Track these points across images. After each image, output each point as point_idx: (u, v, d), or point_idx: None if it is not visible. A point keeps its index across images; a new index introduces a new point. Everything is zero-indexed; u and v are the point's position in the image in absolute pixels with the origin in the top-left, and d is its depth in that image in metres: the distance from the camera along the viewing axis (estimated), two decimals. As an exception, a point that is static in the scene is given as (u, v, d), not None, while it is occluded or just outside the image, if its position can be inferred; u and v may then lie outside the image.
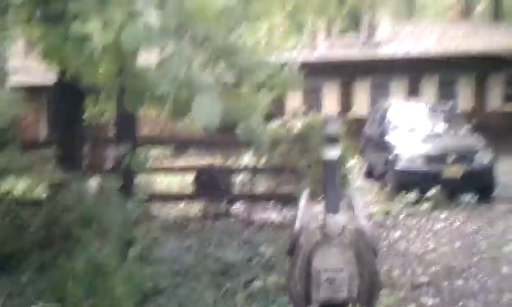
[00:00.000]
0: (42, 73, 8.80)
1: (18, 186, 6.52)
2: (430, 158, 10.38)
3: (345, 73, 18.94)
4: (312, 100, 18.13)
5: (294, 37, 10.40)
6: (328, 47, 19.32)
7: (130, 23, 2.19)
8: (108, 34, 2.11)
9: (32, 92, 18.76)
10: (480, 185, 10.15)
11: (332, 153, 2.28)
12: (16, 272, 5.43)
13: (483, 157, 10.44)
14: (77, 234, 4.28)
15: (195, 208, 9.05)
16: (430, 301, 5.33)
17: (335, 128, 2.30)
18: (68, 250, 5.39)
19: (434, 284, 5.81)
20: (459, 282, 5.88)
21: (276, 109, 16.02)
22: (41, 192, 6.89)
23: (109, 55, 2.18)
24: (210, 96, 2.41)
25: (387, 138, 11.48)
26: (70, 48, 2.04)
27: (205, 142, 13.24)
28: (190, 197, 9.59)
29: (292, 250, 2.27)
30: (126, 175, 7.11)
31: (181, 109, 2.37)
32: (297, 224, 2.30)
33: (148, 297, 4.87)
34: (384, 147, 11.37)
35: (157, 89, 2.34)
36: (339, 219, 2.23)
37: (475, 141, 11.04)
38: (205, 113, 2.30)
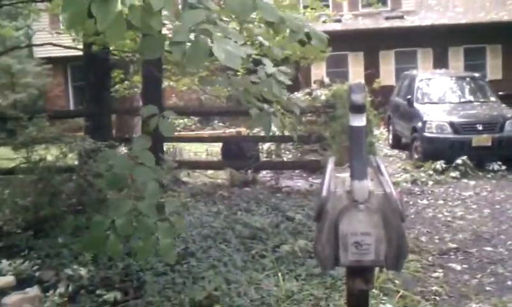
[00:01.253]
0: (67, 47, 8.87)
1: (50, 154, 6.65)
2: (459, 127, 10.29)
3: (371, 43, 18.68)
4: (337, 70, 17.98)
5: (319, 7, 10.28)
6: (353, 18, 19.05)
7: None
8: None
9: (59, 64, 19.03)
10: (509, 153, 10.02)
11: (358, 120, 2.27)
12: (51, 235, 5.60)
13: (512, 126, 10.30)
14: (109, 196, 4.37)
15: (223, 175, 9.13)
16: (458, 267, 5.33)
17: (360, 95, 2.28)
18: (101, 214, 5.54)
19: (463, 250, 5.80)
20: (488, 249, 5.86)
21: (302, 79, 16.02)
22: (72, 160, 7.05)
23: (135, 14, 2.18)
24: (229, 40, 2.40)
25: (415, 106, 11.39)
26: (95, 10, 2.04)
27: (231, 112, 13.34)
28: (218, 165, 9.70)
29: (319, 215, 2.28)
30: (154, 142, 7.22)
31: (199, 53, 2.36)
32: (324, 190, 2.30)
33: (180, 258, 5.00)
34: (412, 115, 11.29)
35: (175, 36, 2.34)
36: (366, 184, 2.23)
37: (504, 110, 10.92)
38: (226, 53, 2.30)
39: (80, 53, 9.06)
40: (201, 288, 4.29)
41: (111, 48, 8.38)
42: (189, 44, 2.38)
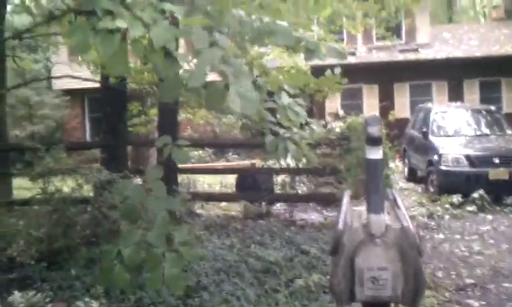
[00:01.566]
0: (85, 79, 9.03)
1: (66, 186, 6.70)
2: (475, 160, 10.20)
3: (385, 76, 18.74)
4: (352, 103, 18.02)
5: (333, 40, 10.38)
6: (367, 51, 19.18)
7: (159, 21, 2.24)
8: (136, 29, 2.16)
9: (76, 96, 19.33)
10: (527, 187, 9.90)
11: (375, 153, 2.26)
12: (65, 267, 5.59)
13: (529, 160, 10.19)
14: (123, 227, 4.38)
15: (237, 208, 9.11)
16: (476, 303, 5.22)
17: (377, 128, 2.28)
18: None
19: (480, 286, 5.68)
20: (506, 285, 5.73)
21: (317, 111, 16.06)
22: (87, 191, 7.09)
23: (138, 47, 2.22)
24: (245, 83, 2.42)
25: (430, 139, 11.33)
26: (99, 41, 2.09)
27: (245, 144, 13.39)
28: (232, 197, 9.69)
29: (335, 249, 2.26)
30: (168, 173, 7.25)
31: (216, 97, 2.38)
32: (340, 224, 2.28)
33: (193, 292, 4.95)
34: (428, 149, 11.23)
35: (191, 81, 2.37)
36: (382, 218, 2.21)
37: (521, 144, 10.83)
38: (241, 100, 2.31)
39: (98, 85, 9.21)
40: (214, 322, 4.24)
41: (129, 80, 8.52)
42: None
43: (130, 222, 2.84)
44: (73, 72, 9.52)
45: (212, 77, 2.49)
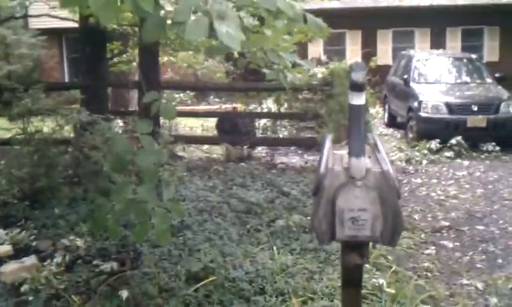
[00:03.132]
0: (63, 18, 8.80)
1: (45, 126, 6.65)
2: (454, 107, 10.34)
3: (369, 22, 18.61)
4: (335, 48, 17.94)
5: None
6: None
7: None
8: None
9: (54, 36, 18.86)
10: (504, 135, 10.10)
11: (358, 98, 2.30)
12: (48, 206, 5.63)
13: (508, 108, 10.37)
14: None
15: (218, 151, 9.16)
16: (450, 244, 5.41)
17: (361, 74, 2.31)
18: (97, 186, 5.57)
19: (455, 228, 5.88)
20: (480, 227, 5.94)
21: (299, 57, 15.97)
22: (68, 132, 7.04)
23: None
24: (231, 23, 2.41)
25: (411, 86, 11.40)
26: None
27: (227, 88, 13.30)
28: (213, 141, 9.72)
29: (316, 191, 2.32)
30: (151, 117, 7.22)
31: (198, 29, 2.36)
32: (322, 167, 2.33)
33: (176, 231, 5.05)
34: (408, 95, 11.31)
35: (175, 17, 2.34)
36: (363, 162, 2.27)
37: (499, 92, 10.97)
38: (227, 36, 2.31)
39: (76, 25, 8.98)
40: (197, 260, 4.34)
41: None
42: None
43: (118, 174, 2.88)
44: (50, 11, 9.24)
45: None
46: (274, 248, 4.66)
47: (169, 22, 2.47)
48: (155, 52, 8.29)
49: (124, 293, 3.79)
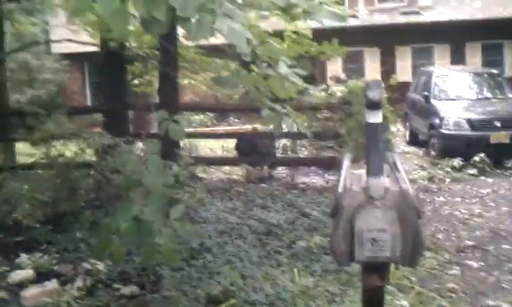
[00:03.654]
0: (84, 42, 8.95)
1: (68, 150, 6.73)
2: (477, 124, 10.21)
3: (387, 39, 18.58)
4: (353, 66, 17.91)
5: (334, 4, 10.25)
6: (369, 13, 18.97)
7: None
8: None
9: (76, 60, 19.20)
10: (528, 150, 9.93)
11: (374, 117, 2.27)
12: (70, 230, 5.67)
13: (531, 123, 10.20)
14: (123, 196, 4.44)
15: (238, 172, 9.16)
16: (475, 264, 5.30)
17: (377, 92, 2.29)
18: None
19: (479, 248, 5.76)
20: (505, 246, 5.81)
21: (318, 74, 15.98)
22: (90, 155, 7.12)
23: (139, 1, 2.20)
24: (236, 22, 2.39)
25: (432, 103, 11.31)
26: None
27: (246, 109, 13.35)
28: (233, 161, 9.72)
29: (335, 211, 2.29)
30: (171, 138, 7.27)
31: (204, 27, 2.35)
32: (340, 187, 2.30)
33: (196, 254, 5.03)
34: (429, 112, 11.22)
35: (179, 11, 2.34)
36: (382, 181, 2.23)
37: (522, 107, 10.82)
38: (229, 29, 2.30)
39: (97, 49, 9.14)
40: (217, 282, 4.32)
41: (129, 44, 8.46)
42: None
43: (129, 194, 2.87)
44: (72, 36, 9.44)
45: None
46: (295, 270, 4.62)
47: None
48: (174, 75, 8.39)
49: (144, 317, 3.78)
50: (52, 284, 4.41)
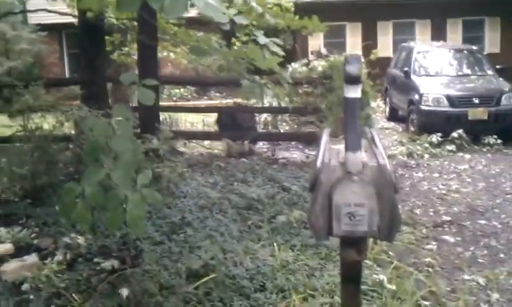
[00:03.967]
0: (62, 13, 8.76)
1: (46, 123, 6.64)
2: (455, 100, 10.30)
3: (369, 13, 18.54)
4: (335, 41, 17.85)
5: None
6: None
7: None
8: None
9: (54, 31, 18.81)
10: (506, 127, 10.06)
11: (353, 91, 2.28)
12: (49, 204, 5.62)
13: (509, 100, 10.33)
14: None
15: (219, 146, 9.15)
16: (452, 239, 5.40)
17: (356, 66, 2.28)
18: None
19: (456, 223, 5.87)
20: (482, 222, 5.93)
21: (299, 49, 15.90)
22: (68, 128, 7.02)
23: None
24: None
25: (412, 79, 11.37)
26: None
27: (227, 83, 13.27)
28: (214, 136, 9.70)
29: (313, 186, 2.30)
30: (151, 112, 7.20)
31: (179, 3, 2.31)
32: (318, 162, 2.31)
33: (177, 228, 5.04)
34: (409, 88, 11.28)
35: None
36: (360, 156, 2.25)
37: (501, 84, 10.93)
38: (205, 3, 2.26)
39: (75, 20, 8.95)
40: (198, 257, 4.33)
41: (107, 15, 8.30)
42: None
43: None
44: (49, 6, 9.21)
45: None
46: (275, 244, 4.66)
47: None
48: (154, 47, 8.27)
49: (124, 291, 3.79)
50: (32, 258, 4.39)
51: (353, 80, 2.30)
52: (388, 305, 3.73)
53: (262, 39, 3.43)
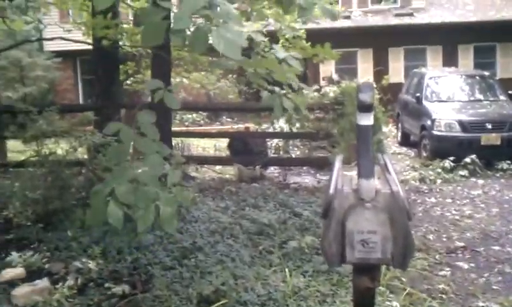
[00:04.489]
0: (77, 40, 8.91)
1: (60, 148, 6.71)
2: (467, 125, 10.26)
3: (380, 40, 18.66)
4: (346, 67, 17.96)
5: (327, 3, 10.27)
6: (362, 14, 19.04)
7: None
8: None
9: (68, 58, 19.11)
10: (519, 153, 10.01)
11: (366, 119, 2.29)
12: (61, 228, 5.65)
13: (522, 125, 10.28)
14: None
15: (231, 171, 9.16)
16: (465, 265, 5.33)
17: (368, 94, 2.30)
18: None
19: (470, 249, 5.80)
20: (495, 248, 5.85)
21: (311, 75, 16.01)
22: (81, 154, 7.09)
23: None
24: (233, 27, 2.38)
25: (424, 104, 11.36)
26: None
27: (239, 108, 13.38)
28: (226, 161, 9.72)
29: (326, 213, 2.30)
30: (163, 136, 7.25)
31: (199, 40, 2.35)
32: (331, 188, 2.31)
33: (188, 253, 5.03)
34: (421, 113, 11.27)
35: (176, 24, 2.33)
36: (373, 183, 2.25)
37: (513, 109, 10.89)
38: (225, 42, 2.29)
39: (90, 47, 9.10)
40: (209, 282, 4.31)
41: (122, 42, 8.43)
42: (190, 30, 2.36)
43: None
44: (64, 34, 9.39)
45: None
46: (287, 270, 4.63)
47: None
48: (168, 73, 8.38)
49: (135, 317, 3.78)
50: (43, 282, 4.39)
51: (366, 108, 2.31)
52: (402, 333, 3.68)
53: (281, 53, 3.45)
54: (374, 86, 2.71)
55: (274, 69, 3.49)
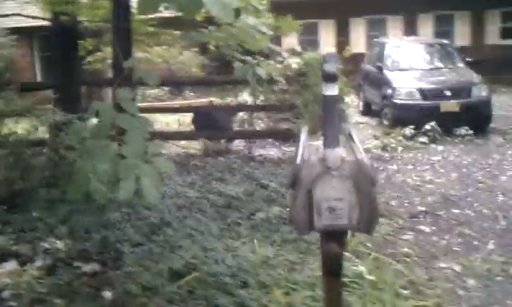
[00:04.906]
0: (34, 16, 8.67)
1: (20, 128, 6.57)
2: (427, 93, 10.49)
3: (341, 10, 18.72)
4: (308, 39, 17.98)
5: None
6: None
7: None
8: None
9: (25, 35, 18.52)
10: (477, 118, 10.30)
11: (331, 89, 2.34)
12: (26, 209, 5.56)
13: (479, 91, 10.57)
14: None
15: (196, 146, 9.15)
16: (427, 229, 5.52)
17: (333, 64, 2.34)
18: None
19: (431, 213, 5.99)
20: (455, 211, 6.07)
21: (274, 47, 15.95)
22: (43, 133, 6.96)
23: None
24: None
25: (385, 73, 11.53)
26: None
27: (203, 82, 13.27)
28: (190, 136, 9.69)
29: (293, 183, 2.36)
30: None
31: (193, 4, 2.33)
32: (298, 158, 2.37)
33: (156, 229, 5.04)
34: (382, 83, 11.43)
35: None
36: (338, 152, 2.31)
37: (471, 76, 11.15)
38: (219, 4, 2.28)
39: (48, 23, 8.85)
40: (179, 256, 4.35)
41: (80, 17, 8.24)
42: None
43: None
44: (21, 10, 9.11)
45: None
46: (255, 241, 4.71)
47: None
48: (129, 49, 8.24)
49: (107, 294, 3.79)
50: (11, 264, 4.35)
51: (331, 78, 2.35)
52: (369, 296, 3.81)
53: (251, 21, 3.45)
54: (338, 58, 2.75)
55: (245, 39, 3.48)
